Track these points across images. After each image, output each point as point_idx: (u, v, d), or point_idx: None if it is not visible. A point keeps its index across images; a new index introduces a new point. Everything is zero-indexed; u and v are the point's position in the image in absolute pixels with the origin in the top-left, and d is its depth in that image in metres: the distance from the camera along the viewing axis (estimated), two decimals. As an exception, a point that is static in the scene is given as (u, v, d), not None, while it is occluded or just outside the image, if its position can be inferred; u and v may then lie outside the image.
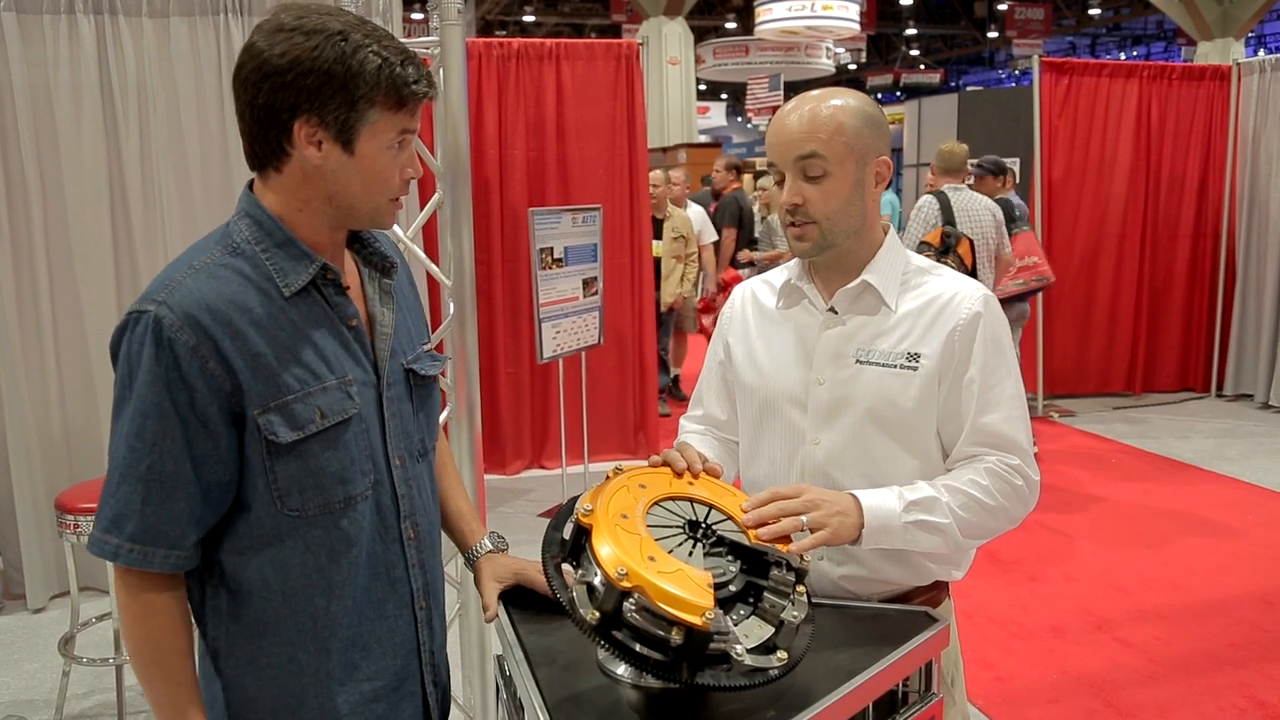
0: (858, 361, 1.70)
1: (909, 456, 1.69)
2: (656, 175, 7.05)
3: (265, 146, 1.35)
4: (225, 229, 1.40)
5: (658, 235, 7.05)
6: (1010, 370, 1.70)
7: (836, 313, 1.74)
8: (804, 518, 1.48)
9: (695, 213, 7.75)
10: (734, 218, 8.13)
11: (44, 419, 4.36)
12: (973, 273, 5.41)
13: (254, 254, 1.36)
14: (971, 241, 5.54)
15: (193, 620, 1.42)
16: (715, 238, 7.91)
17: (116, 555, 1.31)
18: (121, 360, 1.33)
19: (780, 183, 1.69)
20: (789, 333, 1.79)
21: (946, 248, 5.44)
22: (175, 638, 1.35)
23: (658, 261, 7.08)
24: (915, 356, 1.67)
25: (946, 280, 1.73)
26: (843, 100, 1.67)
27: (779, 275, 1.85)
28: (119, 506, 1.31)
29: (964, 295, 1.69)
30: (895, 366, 1.67)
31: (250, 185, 1.42)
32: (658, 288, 7.07)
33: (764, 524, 1.44)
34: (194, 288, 1.31)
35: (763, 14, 17.39)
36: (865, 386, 1.68)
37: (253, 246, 1.37)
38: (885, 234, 1.77)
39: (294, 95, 1.30)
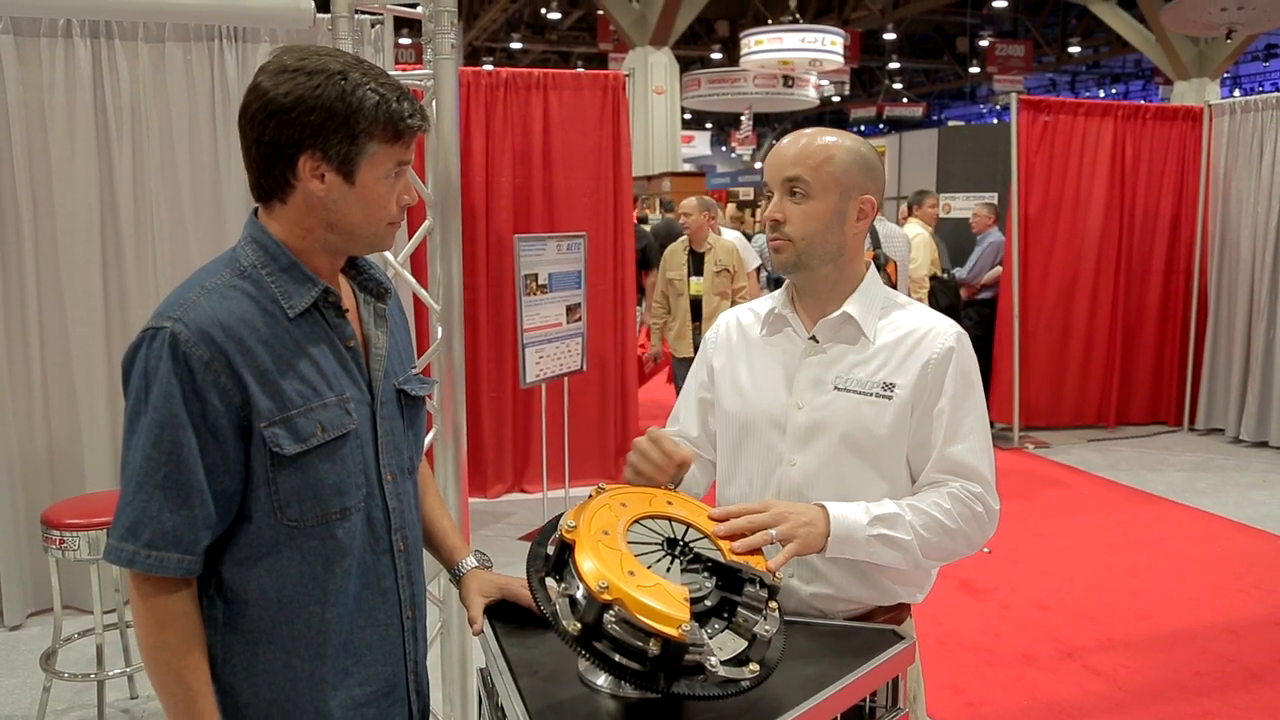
0: (836, 388, 1.79)
1: (879, 480, 1.77)
2: (690, 203, 6.50)
3: (271, 180, 1.43)
4: (232, 253, 1.47)
5: (698, 271, 6.32)
6: (978, 403, 1.79)
7: (818, 341, 1.83)
8: (773, 531, 1.55)
9: (734, 238, 7.01)
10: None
11: (28, 437, 4.38)
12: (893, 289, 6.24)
13: (260, 277, 1.44)
14: (895, 264, 6.18)
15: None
16: (758, 263, 7.28)
17: (133, 561, 1.36)
18: (137, 374, 1.38)
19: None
20: (771, 358, 1.88)
21: (879, 267, 6.00)
22: (190, 644, 1.40)
23: (697, 301, 6.41)
24: (890, 386, 1.76)
25: (923, 315, 1.84)
26: (839, 138, 1.79)
27: (764, 304, 1.95)
28: (135, 515, 1.36)
29: (939, 330, 1.79)
30: (871, 395, 1.76)
31: (255, 212, 1.50)
32: (699, 331, 6.36)
33: (735, 535, 1.52)
34: (207, 306, 1.38)
35: (748, 46, 17.62)
36: (842, 412, 1.77)
37: (259, 270, 1.44)
38: (867, 269, 1.87)
39: (298, 131, 1.38)
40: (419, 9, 2.85)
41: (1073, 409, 8.01)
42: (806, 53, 17.19)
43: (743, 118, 17.32)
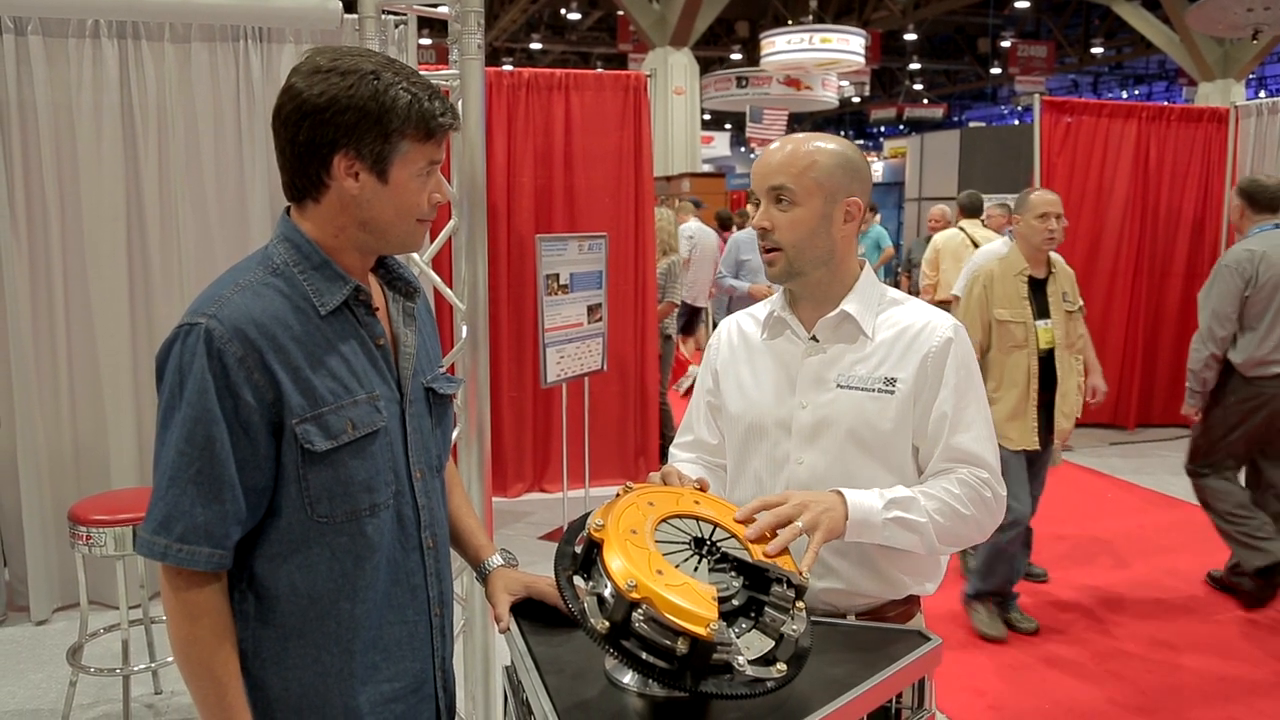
0: (838, 386, 1.81)
1: (887, 475, 1.79)
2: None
3: (305, 179, 1.44)
4: (265, 251, 1.49)
5: (1043, 311, 4.18)
6: (979, 393, 1.82)
7: (818, 341, 1.86)
8: (799, 524, 1.56)
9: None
10: None
11: (55, 434, 4.43)
12: None
13: (292, 275, 1.45)
14: None
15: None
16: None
17: (165, 555, 1.38)
18: (171, 370, 1.39)
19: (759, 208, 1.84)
20: (773, 361, 1.90)
21: None
22: (220, 637, 1.41)
23: (1048, 359, 4.20)
24: (892, 381, 1.79)
25: (919, 310, 1.86)
26: (823, 143, 1.81)
27: (762, 309, 1.97)
28: (168, 509, 1.38)
29: (935, 324, 1.82)
30: (873, 390, 1.79)
31: (288, 211, 1.51)
32: (1050, 413, 4.28)
33: (764, 537, 1.52)
34: (241, 304, 1.40)
35: (767, 47, 17.58)
36: (845, 409, 1.80)
37: (291, 268, 1.46)
38: (861, 269, 1.89)
39: (333, 131, 1.40)
40: (444, 9, 2.87)
41: (1092, 409, 7.94)
42: (827, 54, 17.14)
43: (765, 112, 17.20)
